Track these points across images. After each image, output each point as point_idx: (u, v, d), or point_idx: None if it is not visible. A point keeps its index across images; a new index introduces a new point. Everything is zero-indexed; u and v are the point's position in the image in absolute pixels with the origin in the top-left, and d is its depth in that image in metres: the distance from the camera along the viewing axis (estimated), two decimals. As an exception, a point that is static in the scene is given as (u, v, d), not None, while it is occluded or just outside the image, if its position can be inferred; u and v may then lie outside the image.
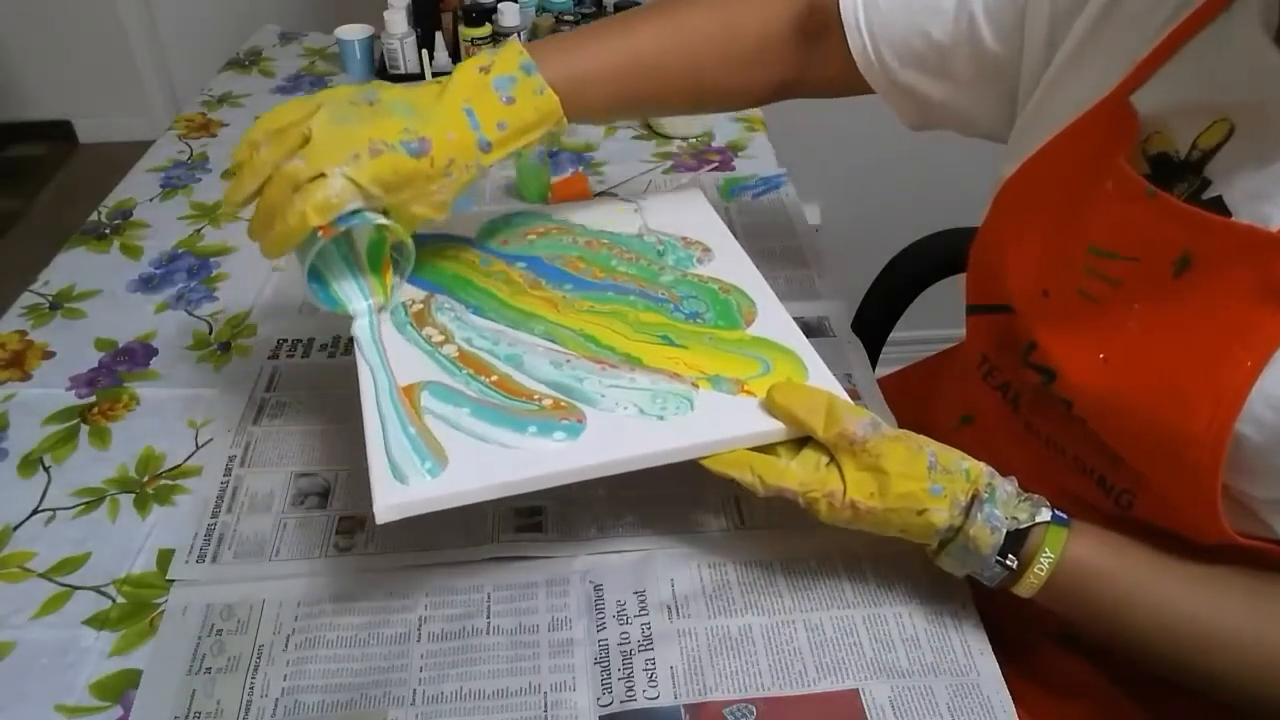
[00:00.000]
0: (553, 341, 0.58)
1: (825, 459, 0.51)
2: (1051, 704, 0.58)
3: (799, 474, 0.50)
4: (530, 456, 0.50)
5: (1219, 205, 0.46)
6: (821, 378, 0.55)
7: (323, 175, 0.51)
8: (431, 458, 0.49)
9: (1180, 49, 0.48)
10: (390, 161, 0.53)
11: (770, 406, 0.52)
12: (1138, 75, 0.50)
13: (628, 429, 0.52)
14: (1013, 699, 0.52)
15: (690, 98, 0.68)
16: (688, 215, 0.72)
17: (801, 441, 0.52)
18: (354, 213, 0.53)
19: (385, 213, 0.55)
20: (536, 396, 0.54)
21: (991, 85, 0.61)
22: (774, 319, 0.61)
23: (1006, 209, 0.58)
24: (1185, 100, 0.48)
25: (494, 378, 0.55)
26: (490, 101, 0.56)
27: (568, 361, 0.56)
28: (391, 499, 0.47)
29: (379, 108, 0.54)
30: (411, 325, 0.59)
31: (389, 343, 0.57)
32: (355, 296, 0.59)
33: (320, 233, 0.52)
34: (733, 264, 0.66)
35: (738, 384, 0.55)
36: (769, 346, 0.58)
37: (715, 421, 0.52)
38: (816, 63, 0.66)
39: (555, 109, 0.58)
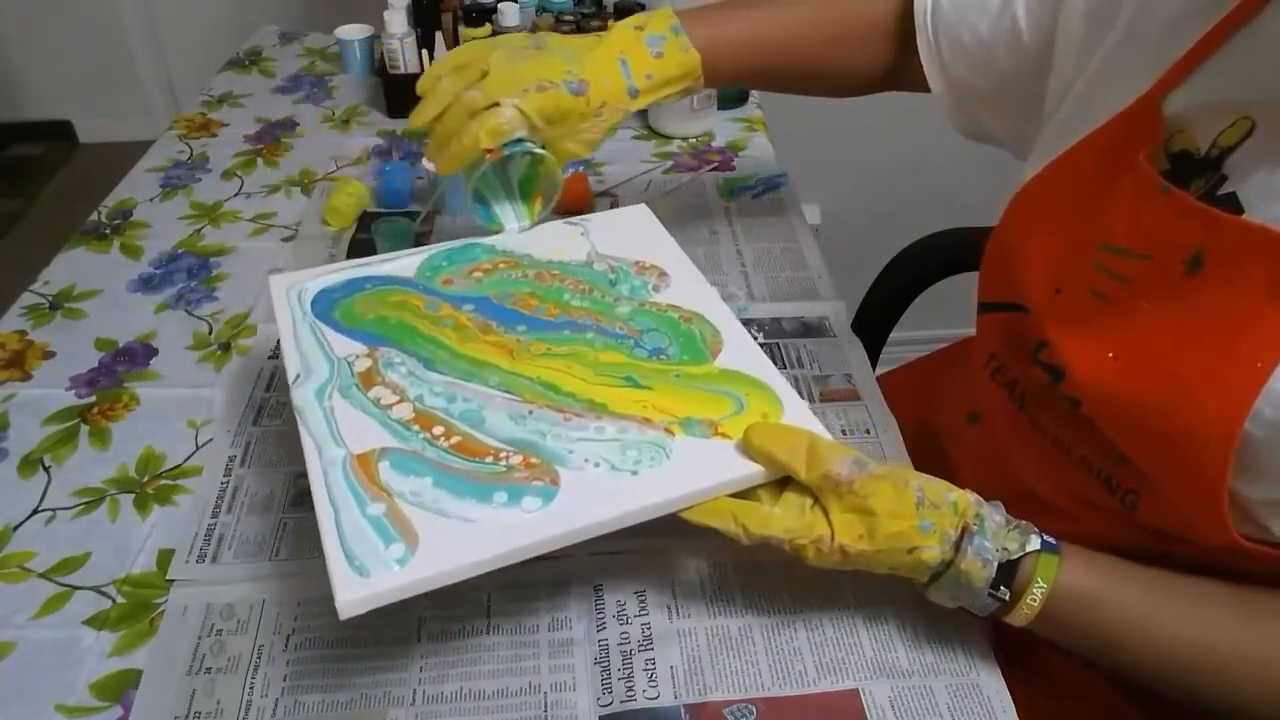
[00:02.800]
0: (510, 393, 0.54)
1: (809, 501, 0.50)
2: (1051, 704, 0.58)
3: (784, 520, 0.49)
4: (501, 530, 0.47)
5: (1232, 201, 0.46)
6: (797, 412, 0.54)
7: (496, 104, 0.60)
8: (401, 540, 0.45)
9: (1212, 54, 0.48)
10: (553, 97, 0.62)
11: (748, 449, 0.50)
12: (1168, 80, 0.49)
13: (601, 489, 0.49)
14: (1013, 699, 0.52)
15: (808, 73, 0.74)
16: (637, 235, 0.69)
17: (782, 481, 0.51)
18: (516, 141, 0.62)
19: (542, 145, 0.64)
20: (503, 455, 0.50)
21: (1029, 83, 0.62)
22: (741, 347, 0.58)
23: (1025, 208, 0.58)
24: (1211, 100, 0.48)
25: (453, 440, 0.51)
26: (642, 55, 0.65)
27: (530, 413, 0.53)
28: (351, 594, 0.43)
29: (545, 51, 0.64)
30: (358, 387, 0.54)
31: (338, 410, 0.53)
32: (510, 218, 0.69)
33: (487, 155, 0.61)
34: (690, 288, 0.64)
35: (711, 426, 0.52)
36: (739, 380, 0.56)
37: (692, 470, 0.50)
38: (908, 57, 0.71)
39: (696, 67, 0.67)
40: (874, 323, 0.97)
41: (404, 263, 0.65)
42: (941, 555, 0.48)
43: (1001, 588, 0.48)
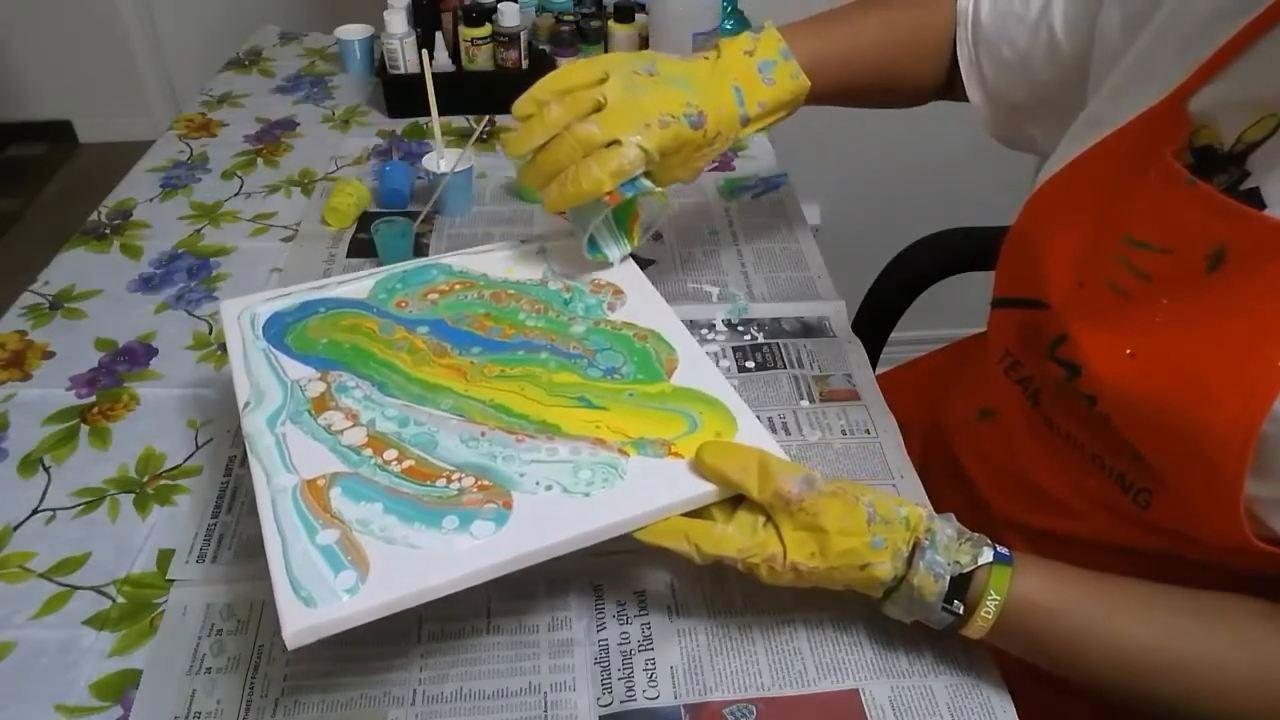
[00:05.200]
0: (463, 416, 0.54)
1: (762, 519, 0.50)
2: (1051, 703, 0.58)
3: (737, 539, 0.49)
4: (452, 556, 0.46)
5: (1255, 196, 0.46)
6: (751, 429, 0.53)
7: (617, 142, 0.57)
8: (352, 568, 0.45)
9: (1241, 53, 0.48)
10: (674, 131, 0.60)
11: (700, 468, 0.50)
12: (1196, 79, 0.49)
13: (553, 511, 0.49)
14: (1013, 698, 0.52)
15: (886, 86, 0.74)
16: None
17: (736, 499, 0.50)
18: (631, 179, 0.59)
19: (649, 174, 0.61)
20: (455, 478, 0.50)
21: (1069, 93, 0.62)
22: (695, 365, 0.58)
23: (1047, 203, 0.58)
24: (1238, 98, 0.48)
25: (405, 464, 0.51)
26: (754, 82, 0.64)
27: (482, 435, 0.53)
28: (299, 624, 0.43)
29: (660, 80, 0.61)
30: (310, 413, 0.54)
31: (290, 436, 0.52)
32: (612, 248, 0.67)
33: (607, 198, 0.59)
34: (646, 306, 0.63)
35: (664, 445, 0.52)
36: (694, 398, 0.56)
37: (645, 491, 0.50)
38: (958, 68, 0.71)
39: (805, 91, 0.65)
40: (874, 323, 0.97)
41: (358, 285, 0.65)
42: (894, 571, 0.48)
43: (955, 601, 0.48)
